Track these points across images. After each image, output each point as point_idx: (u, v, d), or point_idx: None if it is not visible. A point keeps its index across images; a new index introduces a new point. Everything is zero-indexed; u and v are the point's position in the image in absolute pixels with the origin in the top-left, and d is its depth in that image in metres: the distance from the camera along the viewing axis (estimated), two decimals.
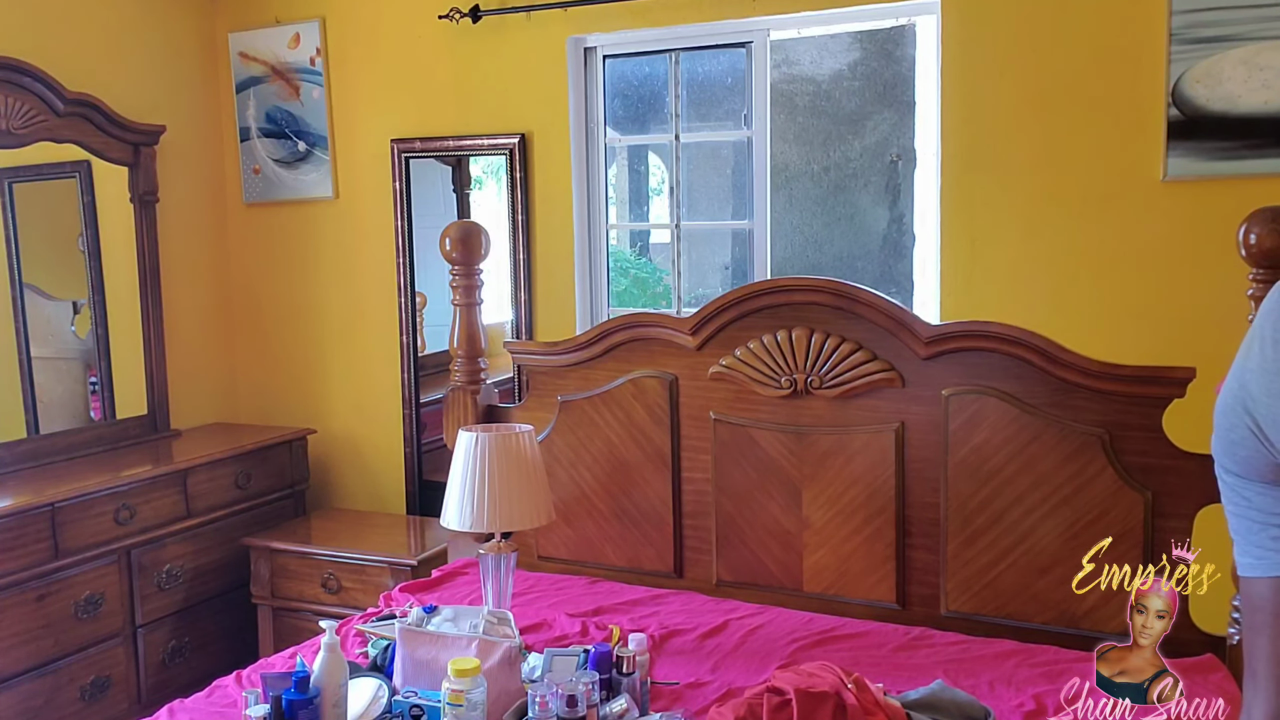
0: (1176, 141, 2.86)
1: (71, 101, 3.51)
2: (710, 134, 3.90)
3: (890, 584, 2.61)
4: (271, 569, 3.63)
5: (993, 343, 2.45)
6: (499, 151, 3.75)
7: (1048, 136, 3.04)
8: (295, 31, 4.01)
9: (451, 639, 2.08)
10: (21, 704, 3.04)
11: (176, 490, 3.53)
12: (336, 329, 4.13)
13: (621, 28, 3.53)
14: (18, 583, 3.03)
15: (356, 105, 3.98)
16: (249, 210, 4.23)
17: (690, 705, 2.13)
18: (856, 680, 1.93)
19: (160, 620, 3.47)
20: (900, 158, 3.81)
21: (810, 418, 2.65)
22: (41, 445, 3.51)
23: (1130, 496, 2.36)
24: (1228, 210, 2.59)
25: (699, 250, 4.06)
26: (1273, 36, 2.75)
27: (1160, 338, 2.93)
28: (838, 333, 2.60)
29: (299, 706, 1.88)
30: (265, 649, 3.66)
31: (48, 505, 3.11)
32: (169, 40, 4.02)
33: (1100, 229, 3.01)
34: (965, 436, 2.49)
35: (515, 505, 2.46)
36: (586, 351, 2.89)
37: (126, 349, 3.82)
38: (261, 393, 4.29)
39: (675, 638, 2.46)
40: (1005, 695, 2.13)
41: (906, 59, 3.71)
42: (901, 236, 3.80)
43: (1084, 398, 2.39)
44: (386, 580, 3.43)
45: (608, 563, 2.92)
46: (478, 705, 1.87)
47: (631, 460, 2.85)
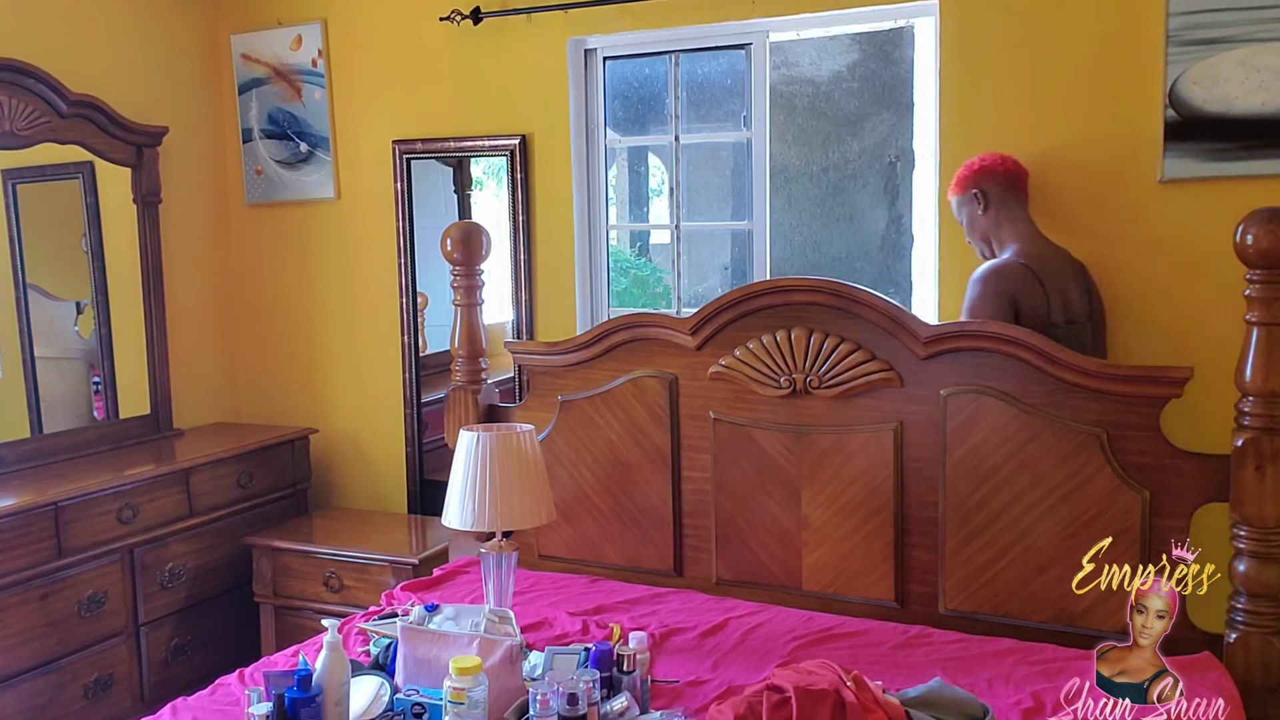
0: (1173, 143, 2.88)
1: (75, 103, 3.52)
2: (710, 135, 3.92)
3: (889, 583, 2.62)
4: (274, 568, 3.64)
5: (991, 343, 2.46)
6: (500, 152, 3.76)
7: (1045, 137, 3.05)
8: (297, 33, 4.03)
9: (453, 637, 2.10)
10: (25, 702, 3.06)
11: (179, 489, 3.54)
12: (338, 329, 4.15)
13: (621, 29, 3.54)
14: (21, 581, 3.05)
15: (358, 106, 3.99)
16: (251, 211, 4.25)
17: (690, 703, 2.14)
18: (856, 678, 1.94)
19: (163, 619, 3.49)
20: (899, 158, 3.82)
21: (809, 417, 2.67)
22: (45, 445, 3.52)
23: (1128, 496, 2.37)
24: (1225, 211, 2.59)
25: (699, 251, 4.08)
26: (1269, 38, 2.76)
27: (1158, 338, 2.94)
28: (837, 333, 2.62)
29: (301, 705, 1.89)
30: (267, 647, 3.67)
31: (51, 504, 3.12)
32: (172, 42, 4.03)
33: (1098, 230, 3.02)
34: (963, 436, 2.51)
35: (516, 504, 2.47)
36: (587, 351, 2.91)
37: (129, 349, 3.83)
38: (264, 392, 4.31)
39: (675, 636, 2.47)
40: (1003, 693, 2.15)
41: (905, 60, 3.72)
42: (900, 237, 3.82)
43: (1082, 397, 2.40)
44: (388, 579, 3.45)
45: (608, 562, 2.93)
46: (479, 703, 1.88)
47: (631, 460, 2.86)
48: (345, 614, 3.03)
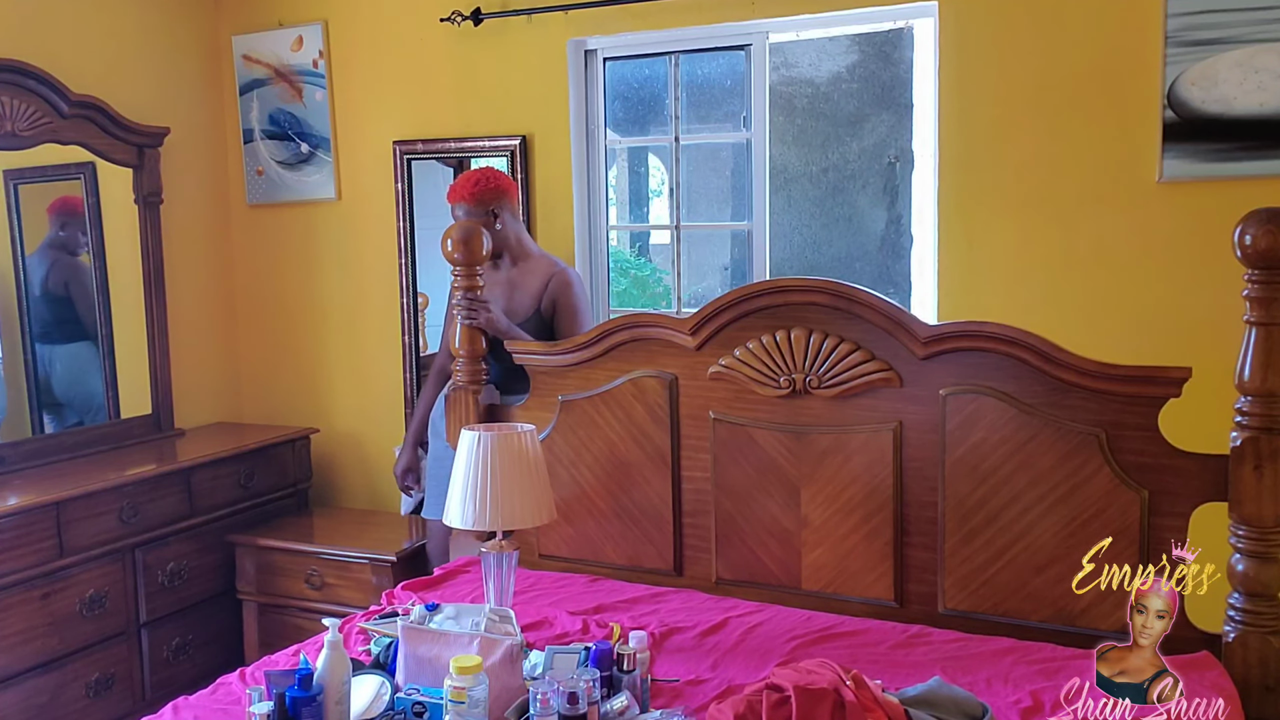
0: (1172, 143, 2.88)
1: (76, 104, 3.53)
2: (710, 136, 3.93)
3: (888, 582, 2.63)
4: (257, 566, 3.64)
5: (990, 343, 2.47)
6: (500, 153, 3.77)
7: (1044, 138, 3.06)
8: (298, 34, 4.03)
9: (453, 636, 2.10)
10: (27, 701, 3.07)
11: (180, 489, 3.55)
12: (339, 329, 4.16)
13: (622, 30, 3.55)
14: (23, 581, 3.06)
15: (359, 107, 4.00)
16: (252, 211, 4.26)
17: (690, 702, 2.14)
18: (855, 677, 1.94)
19: (164, 618, 3.50)
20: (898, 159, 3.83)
21: (809, 417, 2.67)
22: (47, 444, 3.53)
23: (1126, 495, 2.38)
24: (1223, 211, 2.60)
25: (698, 251, 4.09)
26: (1268, 39, 2.77)
27: (1156, 338, 2.95)
28: (836, 333, 2.62)
29: (302, 704, 1.89)
30: (250, 646, 3.67)
31: (53, 504, 3.13)
32: (173, 43, 4.04)
33: (1096, 230, 3.03)
34: (962, 436, 2.51)
35: (517, 504, 2.48)
36: (587, 351, 2.91)
37: (131, 349, 3.84)
38: (265, 392, 4.32)
39: (675, 635, 2.48)
40: (1002, 692, 2.15)
41: (904, 61, 3.73)
42: (899, 237, 3.83)
43: (1080, 397, 2.40)
44: (369, 576, 3.45)
45: (608, 561, 2.94)
46: (479, 702, 1.88)
47: (632, 459, 2.87)
48: (326, 612, 3.04)
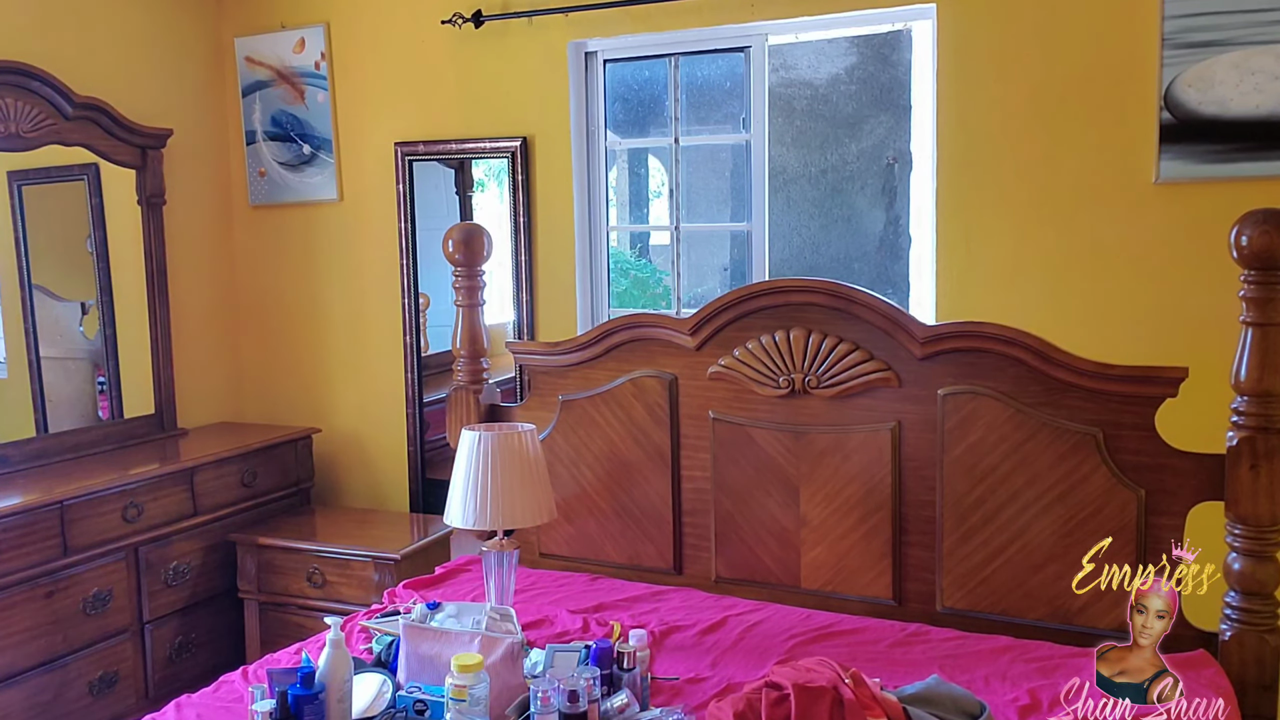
0: (1169, 144, 2.90)
1: (80, 105, 3.54)
2: (709, 137, 3.94)
3: (887, 580, 2.64)
4: (258, 564, 3.66)
5: (987, 343, 2.48)
6: (501, 154, 3.78)
7: (1042, 140, 3.07)
8: (300, 36, 4.05)
9: (455, 635, 2.11)
10: (31, 699, 3.08)
11: (183, 488, 3.57)
12: (341, 329, 4.17)
13: (622, 32, 3.57)
14: (27, 579, 3.07)
15: (361, 109, 4.02)
16: (254, 212, 4.27)
17: (690, 700, 2.16)
18: (854, 675, 1.95)
19: (167, 617, 3.51)
20: (896, 160, 3.85)
21: (808, 417, 2.69)
22: (50, 444, 3.55)
23: (1123, 495, 2.39)
24: (1219, 212, 2.61)
25: (698, 252, 4.10)
26: (1263, 41, 2.78)
27: (1153, 338, 2.96)
28: (835, 333, 2.63)
29: (305, 702, 1.90)
30: (252, 645, 3.68)
31: (56, 503, 3.15)
32: (176, 45, 4.05)
33: (1093, 231, 3.04)
34: (960, 435, 2.53)
35: (517, 503, 2.49)
36: (587, 351, 2.93)
37: (134, 349, 3.86)
38: (267, 392, 4.33)
39: (675, 634, 2.49)
40: (1000, 690, 2.16)
41: (902, 63, 3.75)
42: (898, 238, 3.84)
43: (1078, 397, 2.42)
44: (370, 574, 3.46)
45: (608, 560, 2.95)
46: (480, 700, 1.89)
47: (632, 459, 2.88)
48: (327, 610, 3.04)
